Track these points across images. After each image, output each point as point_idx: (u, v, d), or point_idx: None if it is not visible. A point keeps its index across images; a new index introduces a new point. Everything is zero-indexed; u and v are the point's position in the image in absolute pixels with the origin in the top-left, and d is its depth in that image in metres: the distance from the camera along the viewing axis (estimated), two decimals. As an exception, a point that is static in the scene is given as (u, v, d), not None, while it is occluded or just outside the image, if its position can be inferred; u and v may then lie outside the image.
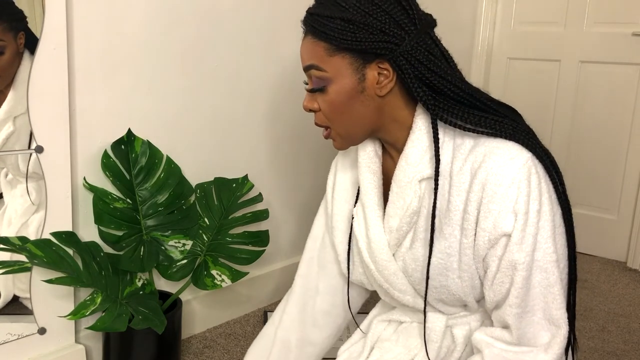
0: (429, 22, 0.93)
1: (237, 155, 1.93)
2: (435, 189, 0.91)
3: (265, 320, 1.99)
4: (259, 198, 1.79)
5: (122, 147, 1.57)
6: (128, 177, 1.58)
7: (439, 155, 0.91)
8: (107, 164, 1.55)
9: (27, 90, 1.36)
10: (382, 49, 0.89)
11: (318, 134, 2.19)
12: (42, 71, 1.38)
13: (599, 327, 2.06)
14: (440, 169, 0.92)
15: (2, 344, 1.44)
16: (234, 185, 1.77)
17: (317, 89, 0.94)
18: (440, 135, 0.92)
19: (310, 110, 0.97)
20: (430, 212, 0.94)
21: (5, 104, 1.39)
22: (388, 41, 0.88)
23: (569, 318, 0.90)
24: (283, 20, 1.97)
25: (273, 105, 2.02)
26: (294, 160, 2.15)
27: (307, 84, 0.98)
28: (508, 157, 0.87)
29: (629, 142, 2.62)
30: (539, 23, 2.83)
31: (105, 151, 1.55)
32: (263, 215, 1.78)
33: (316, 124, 0.98)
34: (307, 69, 0.94)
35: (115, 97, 1.57)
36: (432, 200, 0.92)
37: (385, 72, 0.91)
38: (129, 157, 1.58)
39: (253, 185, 1.81)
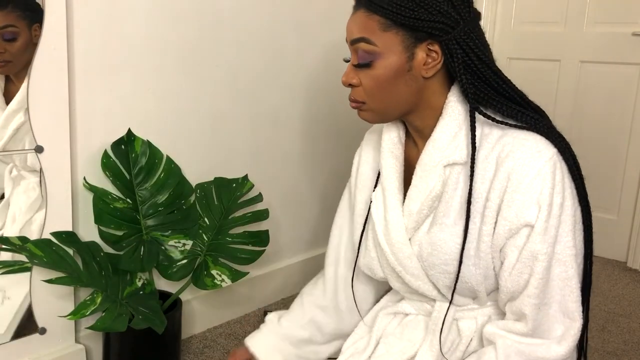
0: (478, 13, 0.95)
1: (237, 155, 1.93)
2: (471, 175, 0.92)
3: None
4: (259, 198, 1.79)
5: (122, 147, 1.57)
6: (128, 177, 1.58)
7: (475, 143, 0.92)
8: (107, 163, 1.55)
9: (27, 90, 1.36)
10: (438, 29, 0.90)
11: (318, 133, 2.20)
12: (42, 71, 1.38)
13: (599, 327, 2.06)
14: (466, 157, 0.94)
15: (2, 344, 1.44)
16: (234, 185, 1.77)
17: (363, 64, 0.94)
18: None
19: (350, 85, 0.97)
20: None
21: (18, 94, 1.40)
22: (444, 23, 0.90)
23: (583, 315, 0.91)
24: (283, 20, 1.97)
25: (273, 104, 2.02)
26: (294, 160, 2.15)
27: (347, 60, 0.98)
28: (536, 149, 0.89)
29: (629, 142, 2.62)
30: (539, 23, 2.83)
31: (105, 151, 1.55)
32: (263, 215, 1.78)
33: (352, 99, 0.98)
34: (355, 42, 0.94)
35: (115, 97, 1.57)
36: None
37: (434, 54, 0.92)
38: (129, 157, 1.58)
39: (253, 185, 1.81)
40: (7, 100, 1.41)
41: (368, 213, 1.08)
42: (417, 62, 0.92)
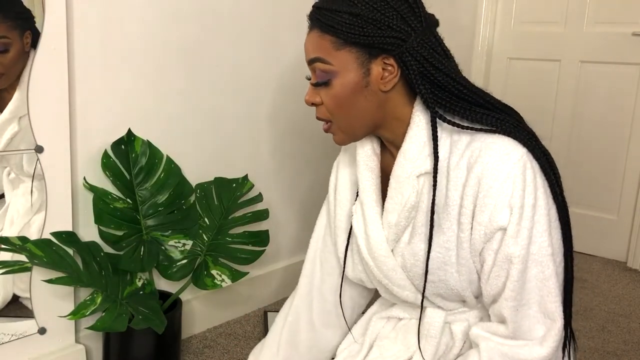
0: (434, 21, 0.95)
1: (237, 155, 1.93)
2: (434, 185, 0.92)
3: (265, 320, 1.99)
4: (259, 198, 1.79)
5: (122, 147, 1.57)
6: (128, 177, 1.58)
7: (437, 153, 0.92)
8: (107, 164, 1.55)
9: (27, 90, 1.36)
10: (389, 44, 0.90)
11: (318, 134, 2.19)
12: (42, 71, 1.38)
13: (599, 327, 2.06)
14: (438, 165, 0.93)
15: (2, 344, 1.44)
16: (234, 185, 1.77)
17: (321, 83, 0.95)
18: (438, 132, 0.93)
19: (313, 104, 0.98)
20: (429, 207, 0.95)
21: (10, 104, 1.38)
22: (395, 37, 0.90)
23: (565, 314, 0.91)
24: (283, 20, 1.97)
25: (273, 104, 2.02)
26: (294, 160, 2.15)
27: (309, 79, 0.98)
28: (504, 152, 0.89)
29: (629, 142, 2.62)
30: (539, 23, 2.83)
31: (105, 151, 1.55)
32: (263, 215, 1.78)
33: (318, 118, 1.00)
34: (311, 62, 0.95)
35: (115, 97, 1.57)
36: (431, 196, 0.94)
37: (390, 67, 0.92)
38: (129, 157, 1.58)
39: (253, 185, 1.81)
40: (0, 109, 1.39)
41: (351, 227, 1.08)
42: (374, 77, 0.93)
